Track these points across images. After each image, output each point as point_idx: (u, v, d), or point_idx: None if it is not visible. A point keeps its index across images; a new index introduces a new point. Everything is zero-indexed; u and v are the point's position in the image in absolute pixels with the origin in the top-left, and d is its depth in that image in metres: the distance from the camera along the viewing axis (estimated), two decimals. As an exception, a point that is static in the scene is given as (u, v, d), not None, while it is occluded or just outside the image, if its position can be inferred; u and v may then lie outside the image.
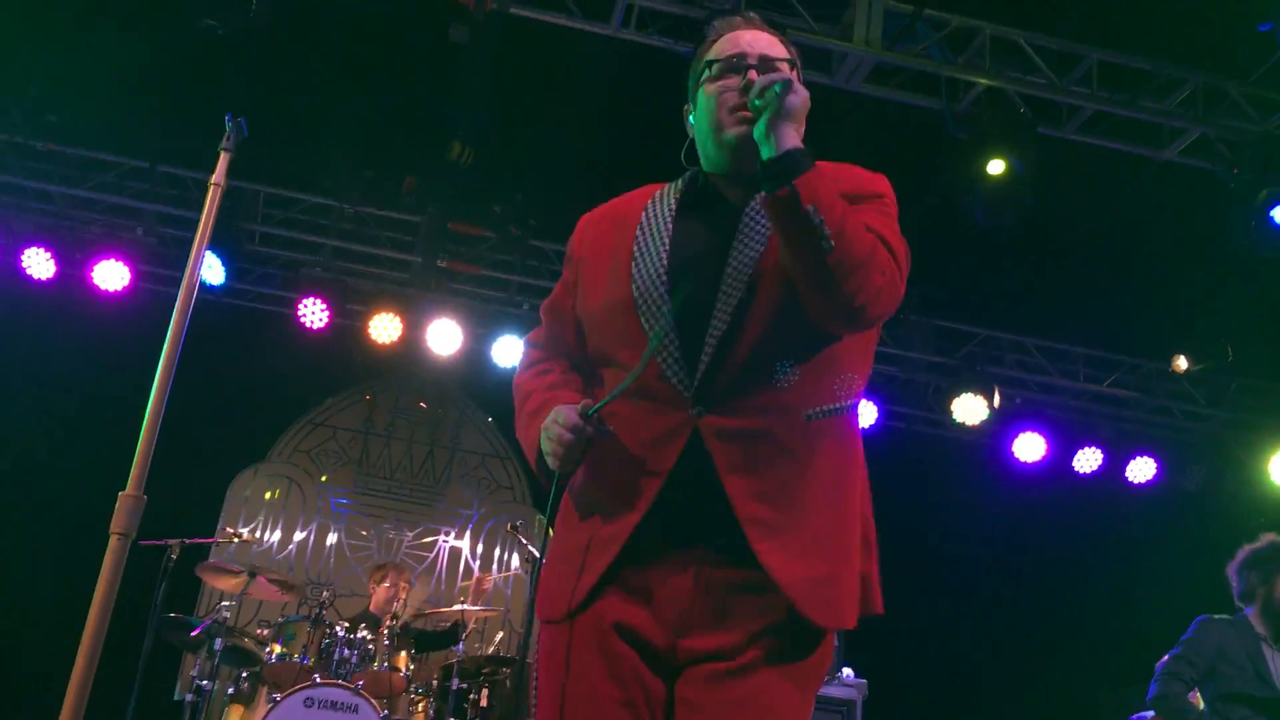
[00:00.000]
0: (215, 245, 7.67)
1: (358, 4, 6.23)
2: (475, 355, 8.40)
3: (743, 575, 1.92)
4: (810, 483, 1.96)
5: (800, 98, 1.91)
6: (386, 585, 7.08)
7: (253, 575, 6.31)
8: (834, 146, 2.20)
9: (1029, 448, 8.81)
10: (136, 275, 7.85)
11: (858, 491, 2.05)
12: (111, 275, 7.76)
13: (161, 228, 8.05)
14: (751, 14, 2.18)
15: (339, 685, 5.82)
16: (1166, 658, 4.56)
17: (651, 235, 2.08)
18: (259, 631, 6.58)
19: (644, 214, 2.12)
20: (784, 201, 1.84)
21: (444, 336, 8.21)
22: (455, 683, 6.27)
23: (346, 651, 6.18)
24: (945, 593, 8.68)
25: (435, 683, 6.51)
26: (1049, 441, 8.81)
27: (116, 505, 2.15)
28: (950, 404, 8.54)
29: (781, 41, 2.16)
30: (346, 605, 8.07)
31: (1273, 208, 6.12)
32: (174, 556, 6.14)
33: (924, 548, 8.59)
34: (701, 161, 2.16)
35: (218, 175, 2.35)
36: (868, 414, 8.62)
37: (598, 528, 2.00)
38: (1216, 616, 4.61)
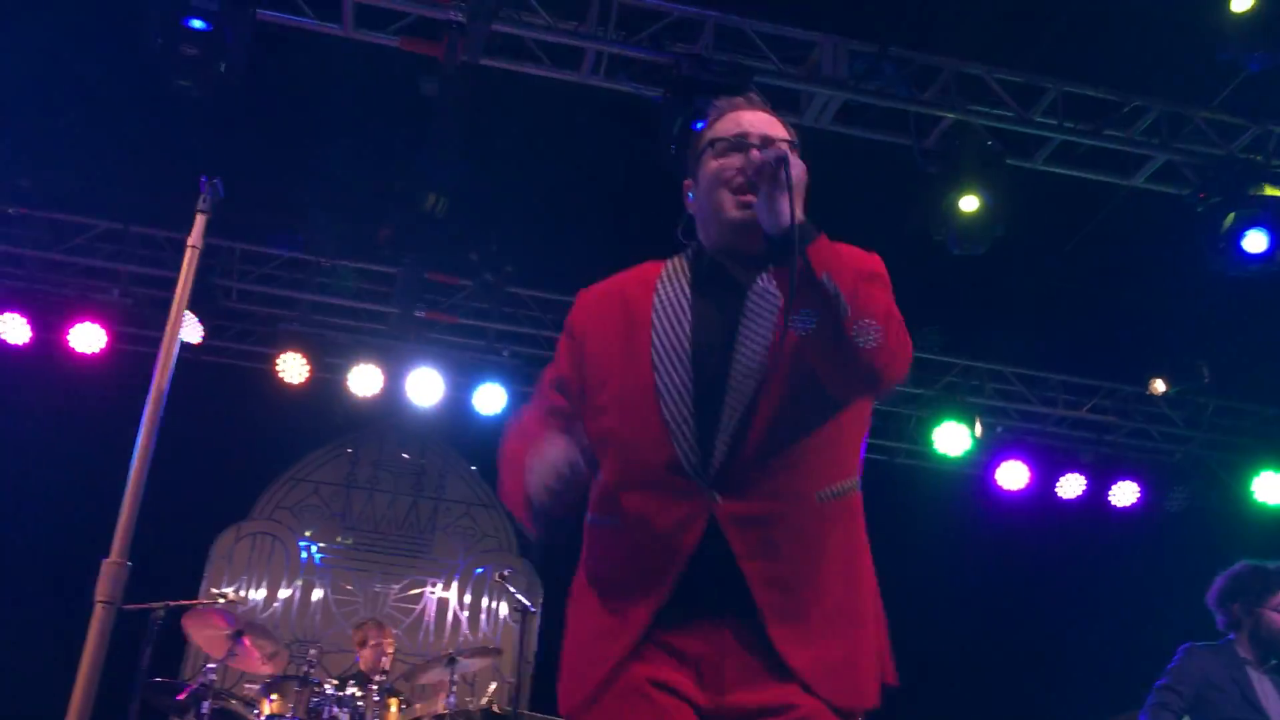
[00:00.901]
0: (191, 304, 7.64)
1: (328, 60, 6.27)
2: (457, 404, 8.38)
3: (767, 655, 1.93)
4: (822, 567, 1.98)
5: (798, 170, 1.96)
6: (371, 645, 6.99)
7: (239, 635, 6.23)
8: (808, 185, 2.22)
9: (1012, 476, 8.83)
10: (113, 337, 7.82)
11: (866, 571, 2.09)
12: (88, 338, 7.72)
13: (136, 288, 8.02)
14: (752, 94, 2.26)
15: (329, 744, 5.75)
16: (1154, 689, 4.56)
17: (672, 319, 2.08)
18: (247, 691, 6.50)
19: (657, 295, 2.12)
20: (797, 274, 1.87)
21: (425, 387, 8.20)
22: (447, 736, 6.20)
23: (336, 710, 6.10)
24: (931, 624, 8.65)
25: (427, 737, 6.43)
26: (1031, 469, 8.85)
27: (101, 572, 2.12)
28: (932, 434, 8.58)
29: (781, 122, 2.20)
30: (335, 662, 7.99)
31: (1240, 230, 6.20)
32: (159, 620, 6.07)
33: (909, 579, 8.54)
34: (703, 238, 2.19)
35: (194, 238, 2.34)
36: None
37: (618, 614, 1.99)
38: (1200, 645, 4.60)
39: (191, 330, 7.70)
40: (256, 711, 6.17)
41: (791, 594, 1.94)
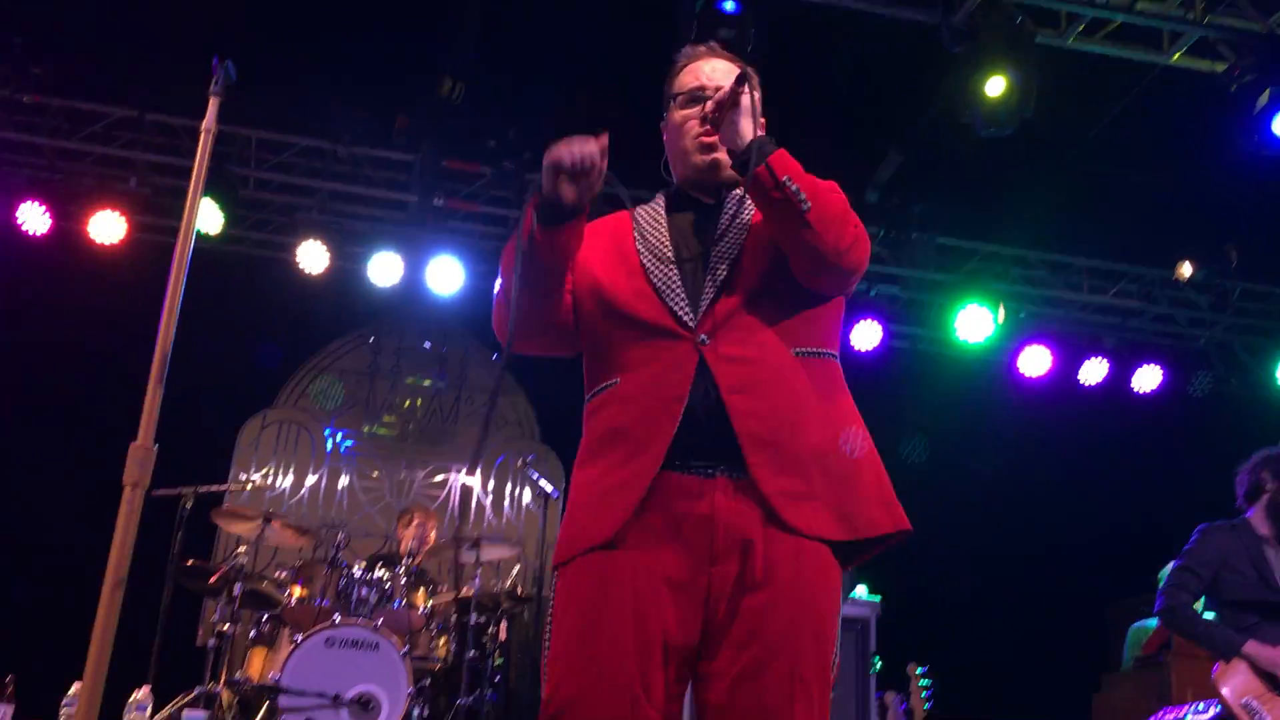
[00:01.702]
0: (210, 192, 7.62)
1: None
2: (477, 293, 8.37)
3: (756, 503, 2.09)
4: (803, 412, 2.16)
5: (749, 99, 2.18)
6: (415, 525, 7.16)
7: (267, 520, 6.36)
8: (829, 67, 2.25)
9: (1034, 362, 8.80)
10: (133, 226, 7.81)
11: (851, 423, 2.24)
12: (108, 227, 7.72)
13: (154, 177, 7.99)
14: (713, 43, 2.49)
15: (359, 625, 5.90)
16: (1170, 569, 4.58)
17: (650, 226, 2.35)
18: (277, 574, 6.65)
19: (635, 217, 2.39)
20: (761, 179, 2.12)
21: (445, 275, 8.19)
22: (473, 617, 6.35)
23: (365, 591, 6.25)
24: (954, 510, 8.74)
25: (454, 618, 6.59)
26: (1054, 354, 8.80)
27: (128, 456, 2.15)
28: (954, 321, 8.53)
29: (739, 65, 2.34)
30: (362, 547, 8.16)
31: (1275, 109, 6.04)
32: (188, 505, 6.20)
33: (931, 466, 8.62)
34: (675, 174, 2.46)
35: (208, 120, 2.31)
36: (871, 335, 8.59)
37: (626, 463, 2.14)
38: (1217, 524, 4.60)
39: (211, 219, 7.68)
40: (287, 593, 6.32)
41: (768, 427, 2.11)
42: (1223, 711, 4.74)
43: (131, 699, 5.14)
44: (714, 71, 2.35)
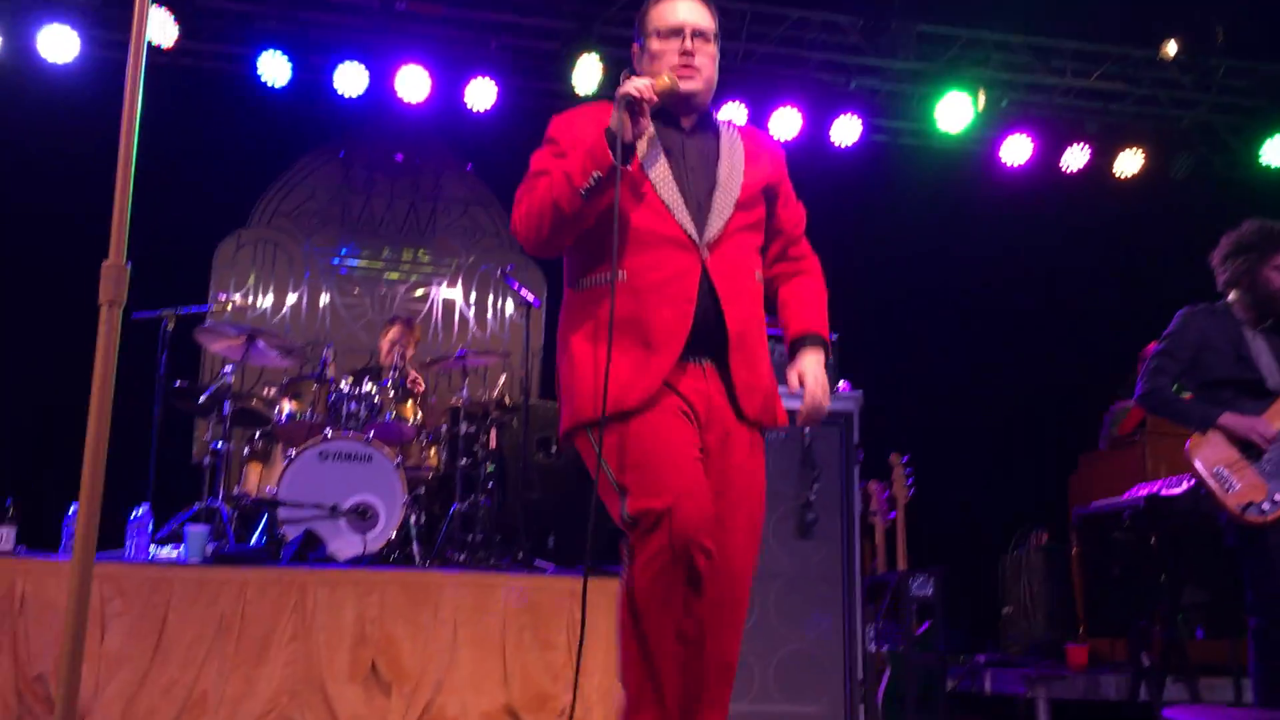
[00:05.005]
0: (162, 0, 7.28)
1: None
2: (447, 100, 8.14)
3: (727, 391, 2.78)
4: (757, 320, 2.85)
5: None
6: (388, 337, 7.20)
7: (252, 339, 6.34)
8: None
9: (1016, 151, 8.68)
10: (86, 41, 7.48)
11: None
12: (58, 43, 7.38)
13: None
14: None
15: (350, 438, 5.97)
16: (1151, 353, 4.63)
17: (647, 140, 2.76)
18: (266, 392, 6.69)
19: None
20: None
21: (413, 83, 7.94)
22: (463, 427, 6.43)
23: (354, 406, 6.31)
24: (936, 302, 8.79)
25: (444, 428, 6.67)
26: (1035, 142, 8.67)
27: (101, 275, 2.10)
28: (935, 112, 8.37)
29: (710, 11, 2.91)
30: (348, 363, 8.19)
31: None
32: (170, 327, 6.16)
33: (913, 260, 8.62)
34: None
35: (149, -86, 2.18)
36: (851, 130, 8.43)
37: (647, 347, 2.68)
38: (1198, 307, 4.63)
39: (165, 31, 7.36)
40: (277, 410, 6.37)
41: (744, 330, 2.77)
42: (1193, 485, 4.90)
43: (132, 516, 5.23)
44: (690, 12, 2.85)
